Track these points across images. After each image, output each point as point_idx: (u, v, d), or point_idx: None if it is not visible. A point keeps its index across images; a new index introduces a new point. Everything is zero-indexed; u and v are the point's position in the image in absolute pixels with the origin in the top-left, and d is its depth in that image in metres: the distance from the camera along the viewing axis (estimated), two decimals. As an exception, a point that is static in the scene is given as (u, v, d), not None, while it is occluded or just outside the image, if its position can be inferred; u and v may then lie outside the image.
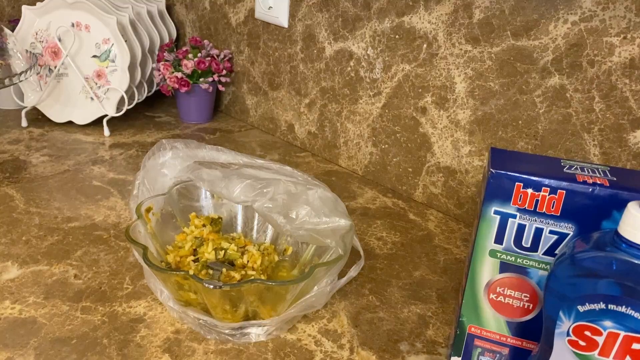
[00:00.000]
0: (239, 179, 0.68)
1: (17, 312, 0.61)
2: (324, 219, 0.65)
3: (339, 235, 0.63)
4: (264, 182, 0.67)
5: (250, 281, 0.56)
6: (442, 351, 0.61)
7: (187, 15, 1.26)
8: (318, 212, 0.65)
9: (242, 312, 0.59)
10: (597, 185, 0.44)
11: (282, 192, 0.66)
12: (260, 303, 0.58)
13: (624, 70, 0.66)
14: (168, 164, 0.72)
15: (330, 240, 0.63)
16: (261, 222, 0.74)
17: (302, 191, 0.67)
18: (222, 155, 0.75)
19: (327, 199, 0.67)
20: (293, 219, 0.65)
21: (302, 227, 0.64)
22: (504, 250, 0.49)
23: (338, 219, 0.65)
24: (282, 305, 0.59)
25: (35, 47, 1.07)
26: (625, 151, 0.68)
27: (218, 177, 0.68)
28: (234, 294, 0.56)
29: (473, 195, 0.85)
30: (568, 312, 0.41)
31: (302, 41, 1.02)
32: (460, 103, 0.82)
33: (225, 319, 0.59)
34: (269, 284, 0.58)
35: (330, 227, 0.64)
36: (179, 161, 0.72)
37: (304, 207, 0.65)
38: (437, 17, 0.81)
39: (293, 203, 0.66)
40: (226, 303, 0.57)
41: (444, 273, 0.74)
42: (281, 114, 1.12)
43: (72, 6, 1.05)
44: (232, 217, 0.74)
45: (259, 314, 0.59)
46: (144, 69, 1.14)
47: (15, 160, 0.96)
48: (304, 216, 0.65)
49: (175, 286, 0.59)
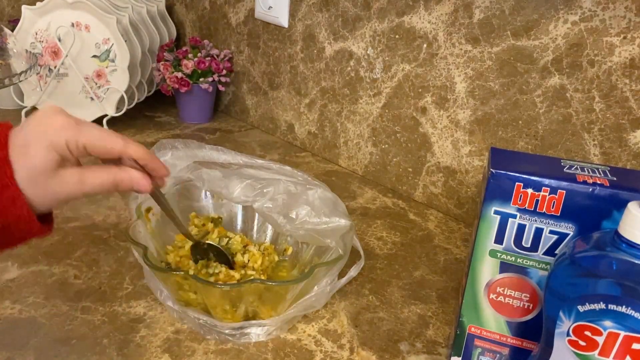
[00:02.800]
0: (239, 179, 0.68)
1: (17, 312, 0.61)
2: (324, 219, 0.65)
3: (339, 235, 0.63)
4: (264, 182, 0.67)
5: (250, 281, 0.56)
6: (442, 351, 0.61)
7: (187, 15, 1.26)
8: (318, 212, 0.65)
9: (242, 312, 0.59)
10: (597, 185, 0.44)
11: (282, 192, 0.66)
12: (260, 303, 0.58)
13: (624, 70, 0.66)
14: (168, 164, 0.72)
15: (330, 240, 0.63)
16: (261, 222, 0.74)
17: (302, 191, 0.67)
18: (221, 155, 0.75)
19: (327, 199, 0.68)
20: (293, 219, 0.65)
21: (302, 227, 0.64)
22: (504, 250, 0.49)
23: (338, 219, 0.65)
24: (282, 305, 0.59)
25: (35, 47, 1.07)
26: (625, 151, 0.68)
27: (218, 177, 0.68)
28: (234, 294, 0.56)
29: (473, 195, 0.85)
30: (568, 312, 0.40)
31: (302, 41, 1.02)
32: (460, 103, 0.82)
33: (225, 319, 0.59)
34: (269, 284, 0.58)
35: (330, 227, 0.65)
36: (179, 161, 0.72)
37: (304, 207, 0.65)
38: (437, 17, 0.81)
39: (293, 203, 0.66)
40: (226, 303, 0.57)
41: (444, 273, 0.74)
42: (281, 114, 1.12)
43: (72, 6, 1.05)
44: (232, 217, 0.74)
45: (259, 313, 0.59)
46: (144, 69, 1.14)
47: (15, 160, 0.96)
48: (304, 216, 0.65)
49: (175, 286, 0.59)
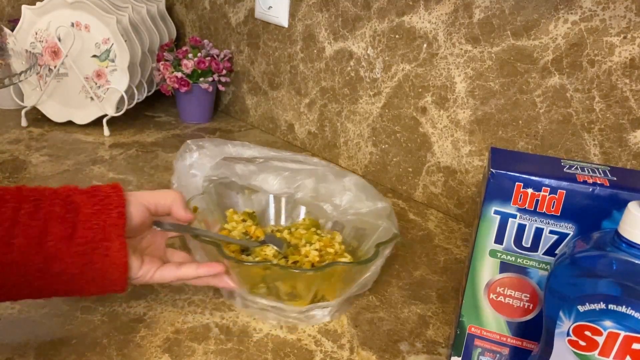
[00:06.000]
0: (275, 172, 0.70)
1: (17, 312, 0.61)
2: (367, 203, 0.68)
3: (383, 216, 0.66)
4: (302, 173, 0.70)
5: (334, 264, 0.59)
6: (442, 351, 0.61)
7: (187, 15, 1.26)
8: (359, 196, 0.68)
9: (312, 295, 0.60)
10: (597, 185, 0.44)
11: (321, 181, 0.69)
12: (330, 285, 0.60)
13: (624, 70, 0.66)
14: (196, 165, 0.74)
15: (381, 222, 0.65)
16: (288, 213, 0.75)
17: (337, 179, 0.70)
18: (247, 150, 0.77)
19: (362, 185, 0.70)
20: (339, 205, 0.68)
21: (348, 212, 0.67)
22: (504, 250, 0.49)
23: (377, 202, 0.68)
24: (351, 285, 0.61)
25: (35, 47, 1.07)
26: (625, 151, 0.68)
27: (253, 172, 0.71)
28: (318, 277, 0.58)
29: (473, 195, 0.85)
30: (568, 312, 0.40)
31: (302, 41, 1.02)
32: (460, 103, 0.82)
33: (296, 303, 0.60)
34: (351, 265, 0.61)
35: (372, 210, 0.67)
36: (207, 160, 0.74)
37: (347, 193, 0.69)
38: (437, 16, 0.81)
39: (332, 191, 0.69)
40: (303, 287, 0.59)
41: (444, 273, 0.74)
42: (281, 114, 1.12)
43: (72, 6, 1.05)
44: (262, 210, 0.75)
45: (325, 296, 0.61)
46: (143, 69, 1.14)
47: (15, 160, 0.96)
48: (347, 202, 0.68)
49: (249, 277, 0.60)
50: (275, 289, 0.60)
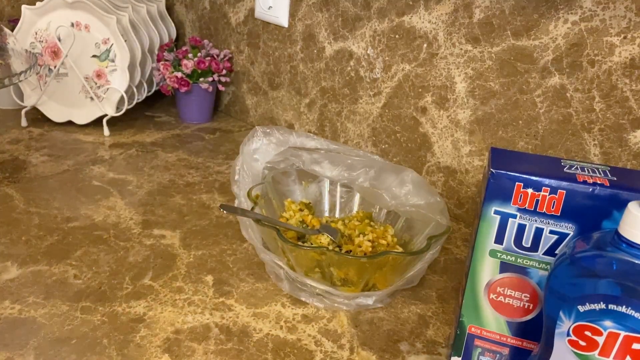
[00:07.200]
0: (339, 160, 0.75)
1: (17, 312, 0.61)
2: (423, 197, 0.71)
3: (437, 211, 0.69)
4: (363, 164, 0.74)
5: (386, 253, 0.61)
6: (442, 351, 0.61)
7: (187, 15, 1.26)
8: (416, 191, 0.72)
9: (364, 283, 0.63)
10: (597, 185, 0.44)
11: (381, 172, 0.73)
12: (382, 274, 0.63)
13: (624, 70, 0.66)
14: (261, 150, 0.79)
15: (434, 216, 0.68)
16: (342, 206, 0.79)
17: (397, 173, 0.74)
18: (310, 141, 0.81)
19: (419, 180, 0.74)
20: (397, 195, 0.72)
21: (407, 204, 0.71)
22: (504, 250, 0.49)
23: (433, 196, 0.71)
24: (402, 276, 0.63)
25: (35, 47, 1.07)
26: (625, 151, 0.68)
27: (317, 160, 0.75)
28: (370, 265, 0.61)
29: (473, 195, 0.85)
30: (568, 312, 0.40)
31: (302, 41, 1.02)
32: (460, 103, 0.82)
33: (348, 290, 0.63)
34: (404, 255, 0.63)
35: (428, 204, 0.71)
36: (272, 147, 0.78)
37: (406, 186, 0.73)
38: (437, 16, 0.81)
39: (393, 181, 0.73)
40: (355, 274, 0.61)
41: (444, 273, 0.74)
42: (281, 114, 1.12)
43: (72, 6, 1.05)
44: (316, 201, 0.79)
45: (376, 285, 0.64)
46: (143, 69, 1.14)
47: (15, 160, 0.96)
48: (406, 194, 0.72)
49: (305, 261, 0.62)
50: (329, 274, 0.62)
